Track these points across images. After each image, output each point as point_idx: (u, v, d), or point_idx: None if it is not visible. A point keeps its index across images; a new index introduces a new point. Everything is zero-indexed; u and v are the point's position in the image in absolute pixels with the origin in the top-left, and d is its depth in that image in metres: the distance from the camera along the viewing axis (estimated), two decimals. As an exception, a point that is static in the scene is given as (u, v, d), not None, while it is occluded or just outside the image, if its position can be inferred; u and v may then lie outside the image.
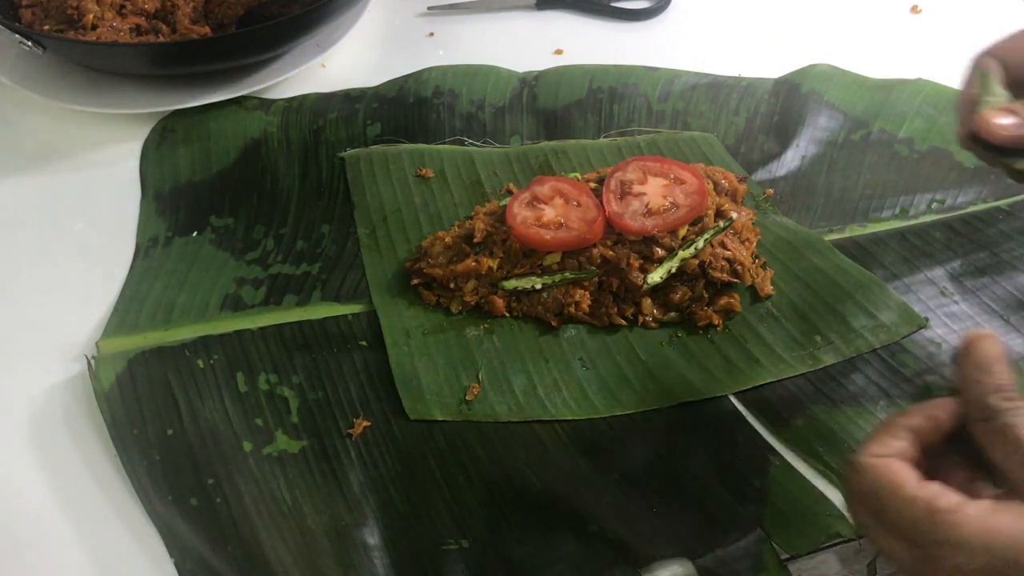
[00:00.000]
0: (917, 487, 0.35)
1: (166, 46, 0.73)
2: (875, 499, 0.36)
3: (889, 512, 0.35)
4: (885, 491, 0.36)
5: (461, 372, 0.55)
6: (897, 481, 0.36)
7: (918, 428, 0.38)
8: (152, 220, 0.65)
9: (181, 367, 0.54)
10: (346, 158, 0.70)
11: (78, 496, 0.49)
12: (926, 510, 0.34)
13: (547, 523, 0.47)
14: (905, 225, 0.68)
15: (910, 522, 0.35)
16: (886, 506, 0.35)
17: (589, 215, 0.59)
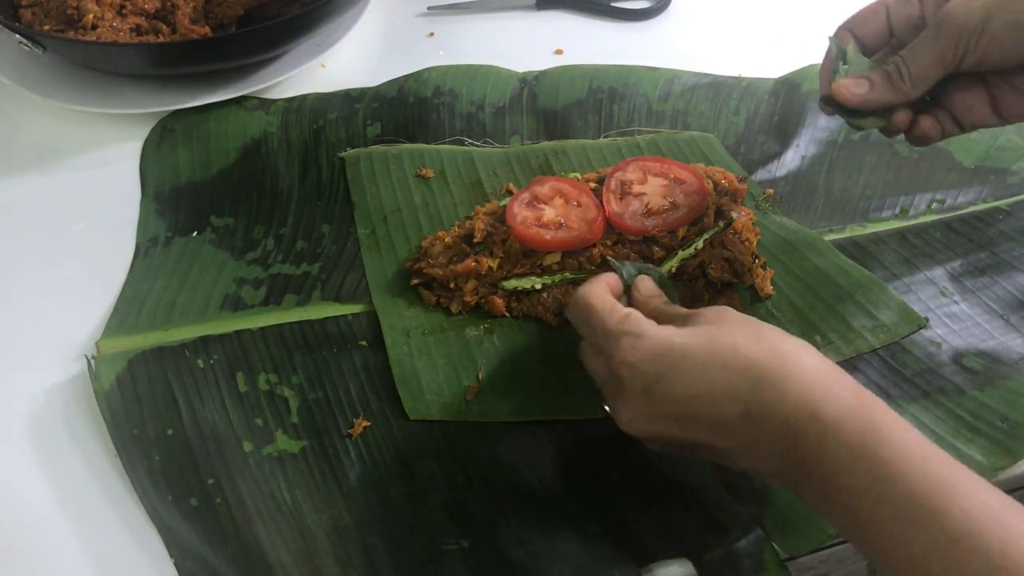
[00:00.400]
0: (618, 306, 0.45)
1: (166, 46, 0.73)
2: (589, 309, 0.46)
3: (596, 318, 0.45)
4: (598, 304, 0.46)
5: (461, 372, 0.55)
6: (609, 300, 0.46)
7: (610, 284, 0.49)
8: (152, 220, 0.65)
9: (181, 367, 0.54)
10: (346, 158, 0.70)
11: (78, 496, 0.49)
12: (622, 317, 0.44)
13: (547, 523, 0.47)
14: (905, 225, 0.68)
15: (606, 323, 0.44)
16: (599, 312, 0.45)
17: (589, 215, 0.59)
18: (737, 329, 0.42)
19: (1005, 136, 0.75)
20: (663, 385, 0.42)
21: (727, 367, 0.41)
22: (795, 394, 0.39)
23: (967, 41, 0.47)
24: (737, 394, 0.40)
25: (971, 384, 0.56)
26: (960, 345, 0.58)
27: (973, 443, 0.52)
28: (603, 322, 0.45)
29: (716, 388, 0.41)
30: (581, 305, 0.47)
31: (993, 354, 0.58)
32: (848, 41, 0.52)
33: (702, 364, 0.41)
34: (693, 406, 0.41)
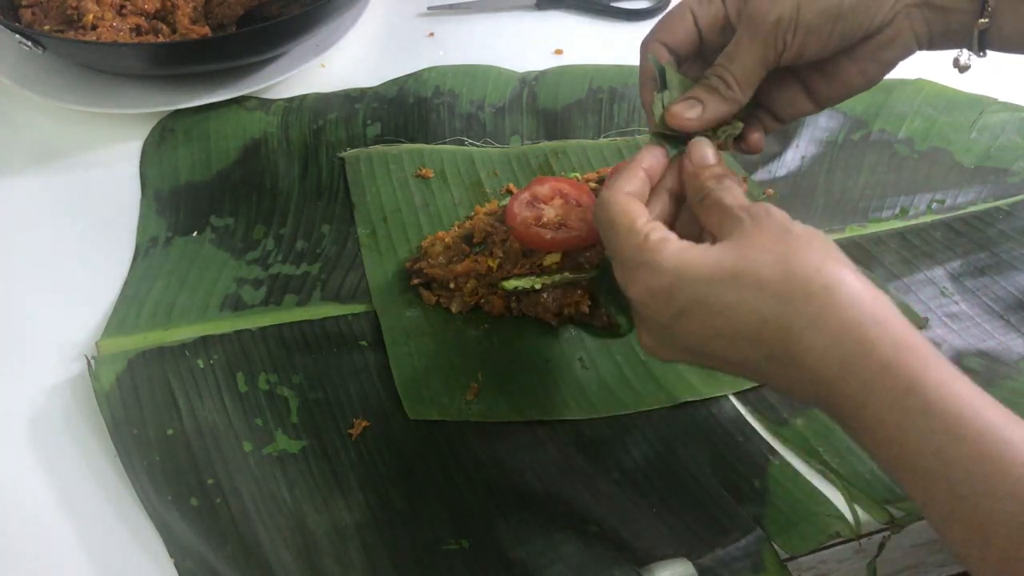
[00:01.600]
0: (643, 221, 0.42)
1: (166, 46, 0.73)
2: (611, 227, 0.42)
3: (618, 237, 0.42)
4: (619, 219, 0.42)
5: (461, 372, 0.55)
6: (631, 214, 0.42)
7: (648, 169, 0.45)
8: (152, 220, 0.65)
9: (181, 367, 0.54)
10: (346, 158, 0.70)
11: (78, 496, 0.49)
12: (642, 240, 0.41)
13: (547, 523, 0.47)
14: (905, 225, 0.68)
15: (624, 249, 0.41)
16: (617, 233, 0.42)
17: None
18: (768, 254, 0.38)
19: (1005, 136, 0.75)
20: (682, 323, 0.40)
21: (749, 307, 0.38)
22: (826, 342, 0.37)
23: (784, 36, 0.46)
24: (761, 337, 0.38)
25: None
26: (960, 345, 0.58)
27: (973, 443, 0.52)
28: (620, 246, 0.42)
29: (738, 331, 0.38)
30: (603, 220, 0.43)
31: (993, 354, 0.58)
32: (665, 57, 0.49)
33: (724, 303, 0.38)
34: (715, 345, 0.39)
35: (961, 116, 0.77)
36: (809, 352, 0.37)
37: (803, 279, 0.38)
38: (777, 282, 0.38)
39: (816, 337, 0.37)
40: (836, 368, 0.37)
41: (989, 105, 0.77)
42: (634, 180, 0.44)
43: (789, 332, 0.37)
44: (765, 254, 0.38)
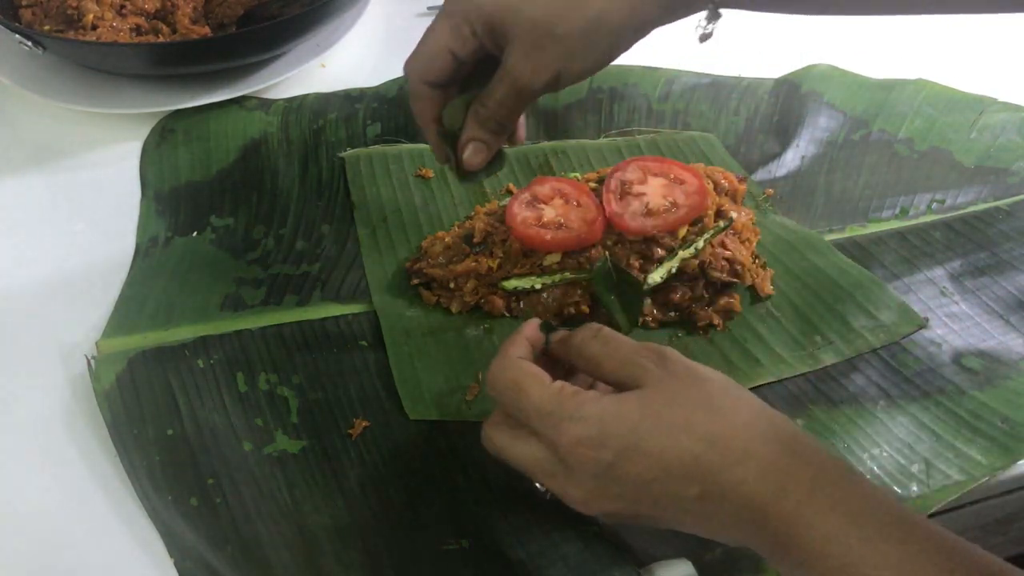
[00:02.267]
0: (549, 379, 0.42)
1: (166, 46, 0.73)
2: (515, 389, 0.42)
3: (529, 398, 0.41)
4: (525, 380, 0.42)
5: (461, 372, 0.55)
6: (535, 373, 0.42)
7: (530, 338, 0.46)
8: (152, 220, 0.65)
9: (181, 367, 0.54)
10: (346, 158, 0.70)
11: (78, 496, 0.49)
12: (557, 394, 0.41)
13: (547, 523, 0.47)
14: (905, 225, 0.68)
15: (543, 404, 0.41)
16: (528, 392, 0.42)
17: (589, 215, 0.59)
18: (685, 397, 0.40)
19: (1005, 136, 0.75)
20: (615, 470, 0.40)
21: (680, 448, 0.39)
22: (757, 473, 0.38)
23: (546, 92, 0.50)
24: (693, 476, 0.39)
25: (971, 384, 0.56)
26: (960, 345, 0.58)
27: (973, 443, 0.52)
28: (536, 401, 0.41)
29: (671, 471, 0.39)
30: (507, 383, 0.43)
31: (993, 354, 0.58)
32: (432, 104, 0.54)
33: (654, 447, 0.39)
34: (648, 488, 0.40)
35: (961, 116, 0.77)
36: (744, 481, 0.38)
37: (727, 415, 0.40)
38: (702, 423, 0.39)
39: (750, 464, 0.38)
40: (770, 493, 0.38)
41: (989, 105, 0.77)
42: (522, 347, 0.45)
43: (721, 466, 0.39)
44: (686, 397, 0.40)
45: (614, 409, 0.40)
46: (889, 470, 0.51)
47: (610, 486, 0.40)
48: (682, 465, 0.39)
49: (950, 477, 0.51)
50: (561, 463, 0.41)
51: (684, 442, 0.39)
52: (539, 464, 0.42)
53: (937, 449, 0.52)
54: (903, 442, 0.52)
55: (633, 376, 0.42)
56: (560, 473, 0.41)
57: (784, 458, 0.39)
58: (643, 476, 0.39)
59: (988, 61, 0.83)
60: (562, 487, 0.42)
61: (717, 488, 0.39)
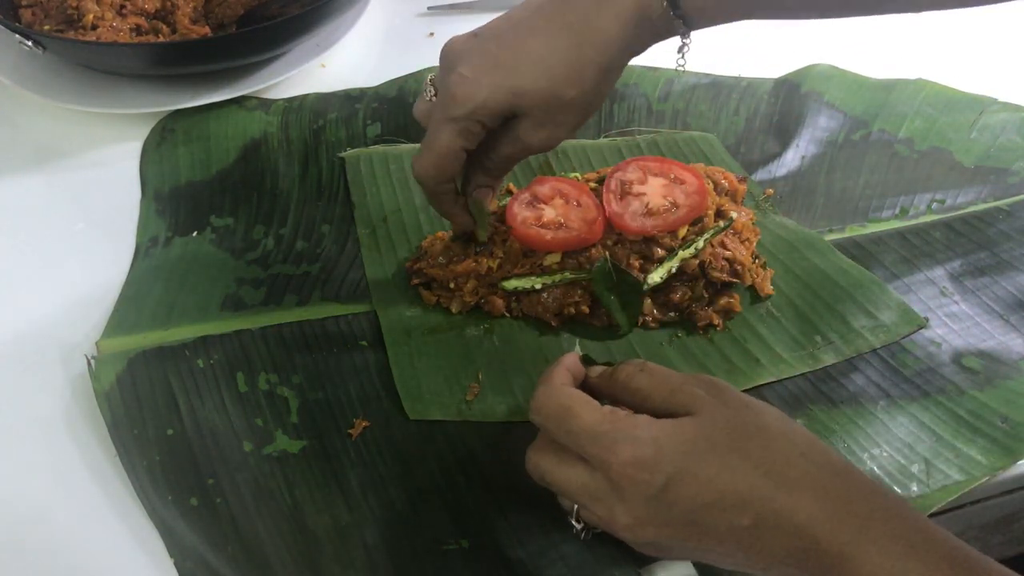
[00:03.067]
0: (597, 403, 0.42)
1: (166, 46, 0.73)
2: (564, 414, 0.42)
3: (580, 420, 0.41)
4: (574, 404, 0.42)
5: (461, 372, 0.55)
6: (583, 397, 0.42)
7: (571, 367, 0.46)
8: (152, 220, 0.65)
9: (181, 367, 0.54)
10: (346, 158, 0.70)
11: (78, 496, 0.49)
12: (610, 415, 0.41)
13: (547, 523, 0.47)
14: (905, 225, 0.68)
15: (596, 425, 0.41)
16: (579, 415, 0.41)
17: (589, 215, 0.59)
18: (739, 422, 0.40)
19: (1005, 136, 0.75)
20: (668, 495, 0.39)
21: (735, 474, 0.39)
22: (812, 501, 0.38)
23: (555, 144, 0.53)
24: (748, 505, 0.38)
25: (971, 384, 0.56)
26: (960, 345, 0.58)
27: (973, 443, 0.52)
28: (587, 423, 0.41)
29: (725, 497, 0.39)
30: (552, 405, 0.43)
31: (993, 354, 0.58)
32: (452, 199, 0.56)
33: (711, 471, 0.39)
34: (701, 514, 0.39)
35: (961, 116, 0.77)
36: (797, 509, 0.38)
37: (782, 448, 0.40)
38: (758, 450, 0.40)
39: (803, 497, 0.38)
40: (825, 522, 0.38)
41: (989, 105, 0.77)
42: (566, 376, 0.45)
43: (776, 494, 0.38)
44: (742, 425, 0.40)
45: (670, 431, 0.40)
46: (889, 470, 0.51)
47: (661, 511, 0.40)
48: (736, 492, 0.39)
49: (950, 477, 0.51)
50: (611, 486, 0.40)
51: (739, 468, 0.39)
52: (586, 488, 0.42)
53: (937, 449, 0.52)
54: (903, 442, 0.52)
55: (685, 404, 0.41)
56: (609, 497, 0.41)
57: (840, 488, 0.38)
58: (696, 501, 0.39)
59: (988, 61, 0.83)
60: (609, 512, 0.41)
61: (771, 516, 0.38)
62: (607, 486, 0.41)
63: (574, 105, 0.50)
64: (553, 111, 0.50)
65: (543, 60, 0.49)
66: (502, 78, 0.49)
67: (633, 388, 0.44)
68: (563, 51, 0.49)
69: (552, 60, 0.49)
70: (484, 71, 0.49)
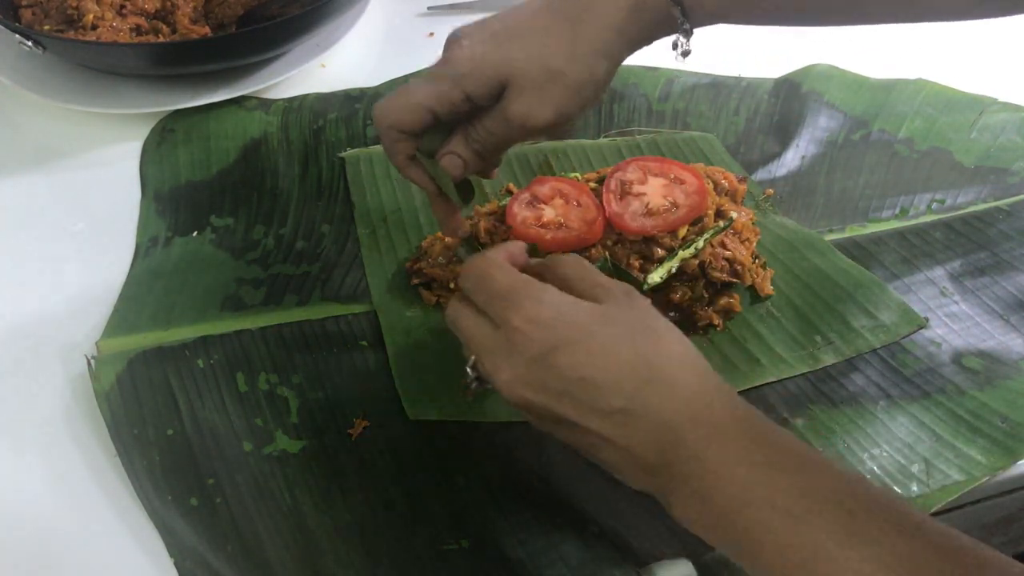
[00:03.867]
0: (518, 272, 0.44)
1: (166, 46, 0.73)
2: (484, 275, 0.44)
3: (495, 282, 0.43)
4: (494, 269, 0.44)
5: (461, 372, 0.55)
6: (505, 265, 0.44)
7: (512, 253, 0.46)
8: (152, 220, 0.65)
9: (181, 367, 0.54)
10: (346, 158, 0.70)
11: (78, 496, 0.49)
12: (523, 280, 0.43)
13: (547, 523, 0.47)
14: (905, 225, 0.68)
15: (508, 287, 0.43)
16: (494, 275, 0.43)
17: (589, 215, 0.59)
18: (638, 321, 0.42)
19: (1005, 136, 0.75)
20: (552, 358, 0.41)
21: (619, 358, 0.40)
22: (679, 397, 0.40)
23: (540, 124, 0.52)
24: (623, 387, 0.40)
25: (971, 384, 0.56)
26: (960, 345, 0.58)
27: (973, 443, 0.52)
28: (501, 283, 0.43)
29: (604, 376, 0.40)
30: (478, 270, 0.45)
31: (993, 354, 0.58)
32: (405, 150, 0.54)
33: (596, 348, 0.41)
34: (577, 387, 0.40)
35: (961, 116, 0.77)
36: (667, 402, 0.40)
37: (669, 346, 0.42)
38: (647, 341, 0.42)
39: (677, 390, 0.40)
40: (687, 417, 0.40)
41: (989, 105, 0.77)
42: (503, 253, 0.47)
43: (650, 384, 0.40)
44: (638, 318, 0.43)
45: (573, 305, 0.42)
46: (889, 470, 0.51)
47: (540, 373, 0.41)
48: (615, 375, 0.40)
49: (950, 477, 0.51)
50: (506, 341, 0.42)
51: (624, 355, 0.40)
52: (483, 339, 0.43)
53: (937, 449, 0.52)
54: (903, 442, 0.52)
55: (598, 296, 0.43)
56: (499, 351, 0.42)
57: (709, 395, 0.41)
58: (576, 371, 0.40)
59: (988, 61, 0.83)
60: (495, 365, 0.43)
61: (640, 404, 0.40)
62: (503, 342, 0.42)
63: (564, 82, 0.51)
64: (541, 84, 0.51)
65: (538, 36, 0.51)
66: (495, 47, 0.51)
67: (560, 274, 0.45)
68: (559, 31, 0.50)
69: (548, 38, 0.50)
70: (481, 42, 0.51)
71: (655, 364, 0.41)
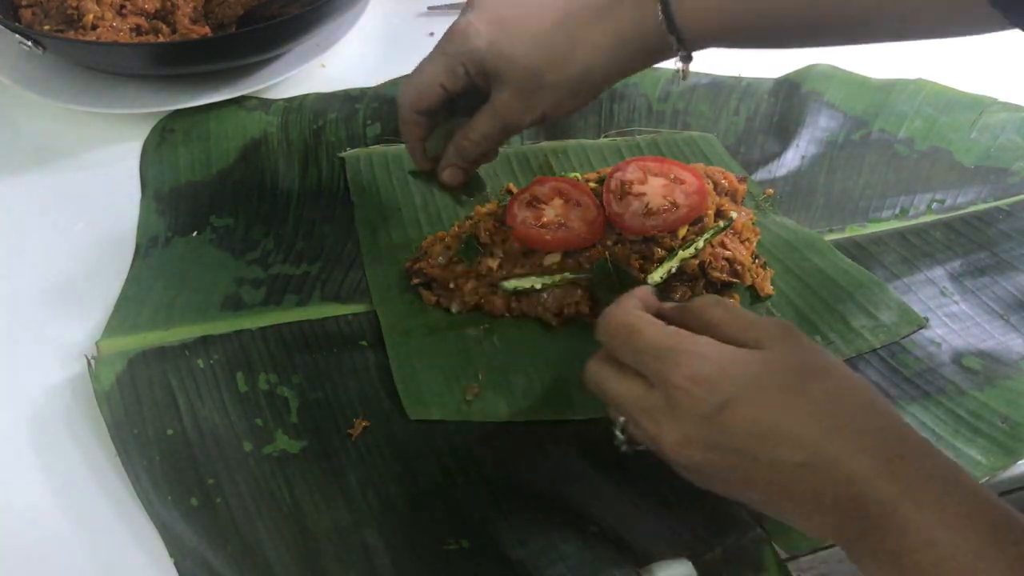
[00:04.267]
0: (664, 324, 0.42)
1: (166, 46, 0.73)
2: (628, 330, 0.42)
3: (643, 337, 0.41)
4: (639, 321, 0.42)
5: (461, 372, 0.55)
6: (649, 318, 0.43)
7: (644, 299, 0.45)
8: (152, 220, 0.65)
9: (181, 367, 0.54)
10: (346, 158, 0.70)
11: (78, 496, 0.49)
12: (675, 333, 0.41)
13: (547, 523, 0.47)
14: (905, 225, 0.68)
15: (660, 341, 0.41)
16: (643, 331, 0.41)
17: (589, 215, 0.59)
18: (806, 363, 0.40)
19: (1005, 136, 0.75)
20: (722, 415, 0.38)
21: (794, 409, 0.38)
22: (866, 448, 0.37)
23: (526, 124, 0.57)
24: (802, 440, 0.38)
25: (971, 384, 0.56)
26: (960, 345, 0.58)
27: (973, 443, 0.52)
28: (652, 339, 0.41)
29: (781, 429, 0.38)
30: (618, 322, 0.43)
31: (993, 354, 0.58)
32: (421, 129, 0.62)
33: (768, 400, 0.38)
34: (752, 443, 0.38)
35: (961, 116, 0.77)
36: (853, 456, 0.37)
37: (843, 383, 0.39)
38: (821, 392, 0.39)
39: (863, 440, 0.37)
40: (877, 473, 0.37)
41: (989, 105, 0.77)
42: (636, 301, 0.45)
43: (831, 434, 0.37)
44: (809, 366, 0.40)
45: (736, 356, 0.39)
46: (889, 470, 0.51)
47: (711, 432, 0.39)
48: (792, 428, 0.38)
49: (950, 477, 0.51)
50: (666, 401, 0.40)
51: (799, 406, 0.38)
52: (640, 401, 0.41)
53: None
54: (903, 442, 0.52)
55: (757, 339, 0.41)
56: (661, 412, 0.40)
57: (896, 445, 0.38)
58: (750, 428, 0.38)
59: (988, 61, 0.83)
60: (657, 427, 0.40)
61: (822, 458, 0.37)
62: (662, 401, 0.40)
63: (552, 91, 0.53)
64: (532, 87, 0.53)
65: (539, 36, 0.52)
66: (499, 37, 0.53)
67: (706, 319, 0.43)
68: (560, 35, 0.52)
69: (548, 39, 0.52)
70: (488, 24, 0.53)
71: (834, 412, 0.38)
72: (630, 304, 0.44)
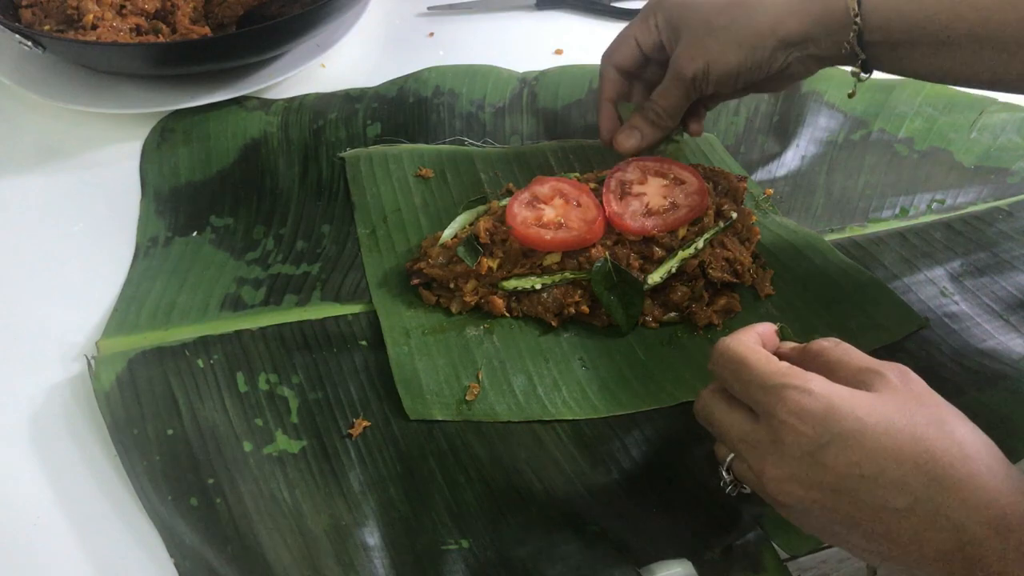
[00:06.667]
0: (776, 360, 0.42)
1: (166, 46, 0.73)
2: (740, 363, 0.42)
3: (753, 370, 0.41)
4: (751, 353, 0.42)
5: (461, 372, 0.55)
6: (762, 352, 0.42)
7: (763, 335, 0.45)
8: (152, 220, 0.65)
9: (181, 367, 0.54)
10: (346, 158, 0.70)
11: (78, 496, 0.49)
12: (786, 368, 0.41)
13: (547, 523, 0.47)
14: (905, 225, 0.68)
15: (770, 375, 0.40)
16: (755, 364, 0.41)
17: (589, 215, 0.59)
18: (918, 408, 0.39)
19: (1005, 136, 0.75)
20: (828, 453, 0.38)
21: (900, 453, 0.37)
22: (975, 501, 0.36)
23: (699, 86, 0.60)
24: (907, 487, 0.37)
25: (971, 384, 0.56)
26: (960, 345, 0.58)
27: (973, 443, 0.52)
28: (761, 373, 0.41)
29: (886, 473, 0.37)
30: (731, 355, 0.43)
31: (993, 354, 0.58)
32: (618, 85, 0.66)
33: (876, 443, 0.38)
34: (855, 484, 0.38)
35: (961, 116, 0.77)
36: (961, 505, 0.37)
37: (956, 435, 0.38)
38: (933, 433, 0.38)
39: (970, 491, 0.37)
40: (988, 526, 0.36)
41: (989, 105, 0.77)
42: (754, 336, 0.45)
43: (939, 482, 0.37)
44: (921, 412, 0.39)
45: (846, 395, 0.39)
46: (889, 470, 0.51)
47: (815, 471, 0.38)
48: (900, 472, 0.37)
49: (950, 477, 0.50)
50: (771, 435, 0.40)
51: (908, 451, 0.37)
52: (746, 435, 0.41)
53: (937, 449, 0.52)
54: (903, 442, 0.52)
55: (871, 382, 0.40)
56: (765, 446, 0.40)
57: (1010, 496, 0.37)
58: (854, 470, 0.38)
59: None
60: (761, 462, 0.40)
61: (930, 507, 0.37)
62: (767, 435, 0.40)
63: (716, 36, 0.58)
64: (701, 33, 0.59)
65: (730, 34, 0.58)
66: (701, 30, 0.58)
67: (823, 360, 0.43)
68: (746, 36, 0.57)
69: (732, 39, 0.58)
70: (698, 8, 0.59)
71: (943, 460, 0.37)
72: (746, 337, 0.44)
